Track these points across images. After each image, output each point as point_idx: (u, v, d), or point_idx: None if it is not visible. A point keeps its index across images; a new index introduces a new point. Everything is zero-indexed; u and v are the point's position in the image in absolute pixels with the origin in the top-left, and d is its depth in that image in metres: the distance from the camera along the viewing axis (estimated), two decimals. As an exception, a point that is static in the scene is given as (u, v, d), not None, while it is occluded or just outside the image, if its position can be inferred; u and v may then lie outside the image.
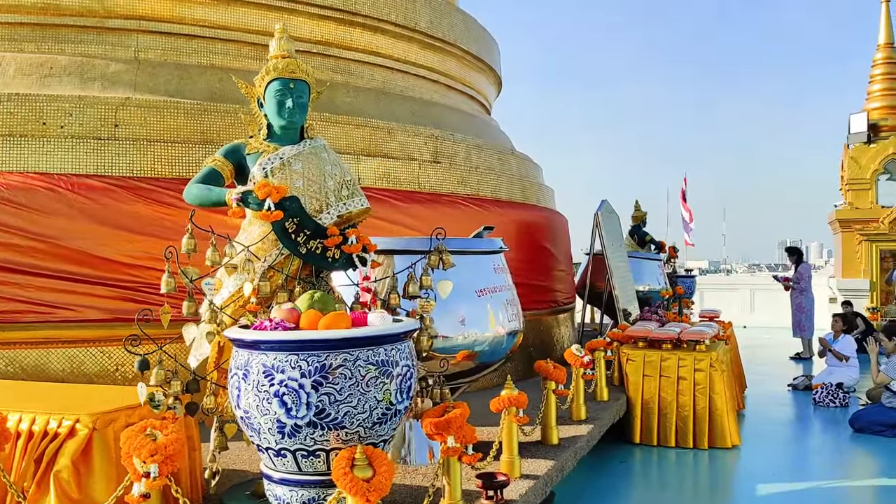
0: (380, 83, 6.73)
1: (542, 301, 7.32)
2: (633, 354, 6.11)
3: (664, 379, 6.01)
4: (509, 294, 4.06)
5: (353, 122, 5.94)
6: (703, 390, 5.91)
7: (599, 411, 5.35)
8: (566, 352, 5.08)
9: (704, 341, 6.00)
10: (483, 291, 3.83)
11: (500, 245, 4.11)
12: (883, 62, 15.00)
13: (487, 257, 3.96)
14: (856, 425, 6.37)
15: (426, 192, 6.14)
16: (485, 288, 3.84)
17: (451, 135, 6.71)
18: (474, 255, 3.88)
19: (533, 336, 7.05)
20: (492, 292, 3.88)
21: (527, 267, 7.04)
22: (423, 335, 3.10)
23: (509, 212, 6.93)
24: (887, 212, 13.93)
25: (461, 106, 7.73)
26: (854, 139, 14.68)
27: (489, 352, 3.95)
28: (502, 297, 3.94)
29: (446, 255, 3.21)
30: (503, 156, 7.35)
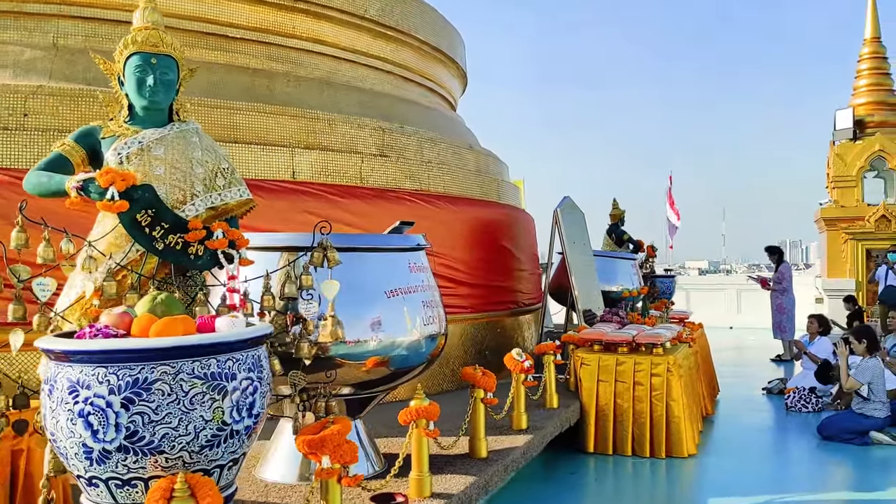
0: (325, 73, 6.40)
1: (501, 302, 6.99)
2: (587, 358, 5.79)
3: (620, 384, 5.69)
4: (429, 295, 3.73)
5: (289, 112, 5.62)
6: (660, 396, 5.58)
7: (545, 420, 5.02)
8: (506, 356, 4.75)
9: (661, 344, 5.67)
10: (395, 292, 3.50)
11: (419, 242, 3.78)
12: (869, 57, 14.70)
13: (402, 255, 3.63)
14: (824, 433, 6.04)
15: (369, 188, 5.81)
16: (397, 288, 3.51)
17: (402, 127, 6.39)
18: (386, 253, 3.55)
19: (490, 339, 6.72)
20: (406, 293, 3.55)
21: (484, 267, 6.72)
22: (303, 342, 2.77)
23: (465, 209, 6.60)
24: (873, 210, 13.63)
25: (418, 98, 7.40)
26: (839, 136, 14.38)
27: (405, 357, 3.62)
28: (419, 299, 3.61)
29: (331, 251, 2.88)
30: (460, 150, 7.03)
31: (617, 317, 6.62)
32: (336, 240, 3.44)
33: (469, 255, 6.52)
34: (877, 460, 5.66)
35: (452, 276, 6.26)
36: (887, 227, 13.49)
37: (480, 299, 6.61)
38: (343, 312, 3.22)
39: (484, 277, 6.69)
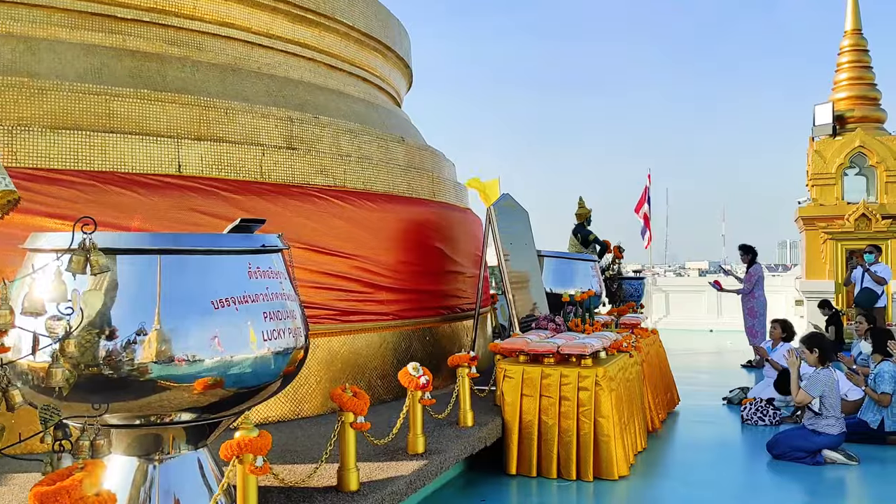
0: (232, 59, 5.88)
1: (432, 308, 6.46)
2: (511, 370, 5.27)
3: (545, 399, 5.18)
4: (276, 305, 3.19)
5: (178, 100, 5.09)
6: (588, 412, 5.06)
7: (450, 442, 4.49)
8: (400, 372, 4.23)
9: (590, 355, 5.14)
10: (226, 302, 2.97)
11: (267, 243, 3.25)
12: (850, 49, 14.17)
13: (238, 259, 3.09)
14: (774, 451, 5.53)
15: (271, 184, 5.28)
16: (229, 298, 2.99)
17: (316, 118, 5.87)
18: (215, 256, 3.02)
19: (419, 348, 6.20)
20: (241, 303, 3.02)
21: (410, 270, 6.19)
22: (55, 367, 2.25)
23: (389, 207, 6.08)
24: (853, 208, 13.10)
25: (345, 88, 6.87)
26: (819, 132, 13.84)
27: (248, 376, 3.09)
28: (259, 310, 3.08)
29: (95, 253, 2.36)
30: (387, 143, 6.50)
31: (553, 323, 6.09)
32: (133, 240, 2.94)
33: (392, 257, 6.00)
34: (829, 482, 5.15)
35: (371, 281, 5.74)
36: (867, 227, 12.96)
37: (406, 305, 6.09)
38: (167, 328, 2.75)
39: (410, 281, 6.16)
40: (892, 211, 13.04)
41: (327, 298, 5.40)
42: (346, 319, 5.53)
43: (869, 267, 10.06)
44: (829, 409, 5.36)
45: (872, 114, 13.89)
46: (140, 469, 3.22)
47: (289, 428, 4.91)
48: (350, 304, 5.56)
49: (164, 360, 2.88)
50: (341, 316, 5.49)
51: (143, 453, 3.21)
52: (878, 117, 13.94)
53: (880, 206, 13.13)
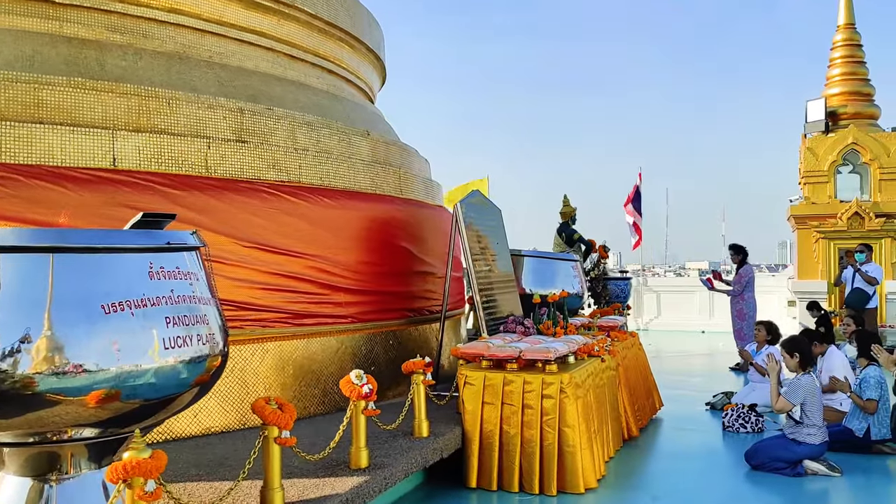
0: (181, 46, 5.57)
1: (397, 310, 6.15)
2: (472, 376, 4.96)
3: (507, 407, 4.87)
4: (185, 308, 2.88)
5: (116, 89, 4.78)
6: (552, 421, 4.75)
7: (399, 454, 4.18)
8: (341, 381, 3.91)
9: (551, 360, 4.83)
10: (120, 306, 2.66)
11: (170, 240, 2.93)
12: (843, 44, 13.86)
13: (137, 258, 2.78)
14: (752, 461, 5.22)
15: (216, 178, 4.98)
16: (124, 301, 2.68)
17: (270, 109, 5.56)
18: (107, 255, 2.71)
19: (381, 352, 5.89)
20: (139, 307, 2.71)
21: (372, 270, 5.88)
22: None
23: (347, 203, 5.77)
24: (845, 207, 12.79)
25: (307, 79, 6.56)
26: (811, 128, 13.54)
27: (152, 387, 2.78)
28: (161, 314, 2.77)
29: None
30: (350, 137, 6.19)
31: (521, 326, 5.78)
32: (14, 236, 2.63)
33: (352, 256, 5.69)
34: (809, 495, 4.84)
35: (327, 282, 5.43)
36: (860, 226, 12.66)
37: (367, 307, 5.78)
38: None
39: (372, 282, 5.85)
40: (886, 209, 12.73)
41: (278, 300, 5.10)
42: (300, 322, 5.22)
43: (860, 267, 9.75)
44: (810, 417, 5.05)
45: (866, 110, 13.59)
46: (34, 489, 2.92)
47: (232, 439, 4.59)
48: (304, 307, 5.25)
49: (52, 372, 2.59)
50: (294, 319, 5.19)
51: (37, 473, 2.91)
52: (872, 113, 13.64)
53: (874, 204, 12.83)
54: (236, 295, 4.84)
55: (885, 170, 12.90)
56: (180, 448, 4.32)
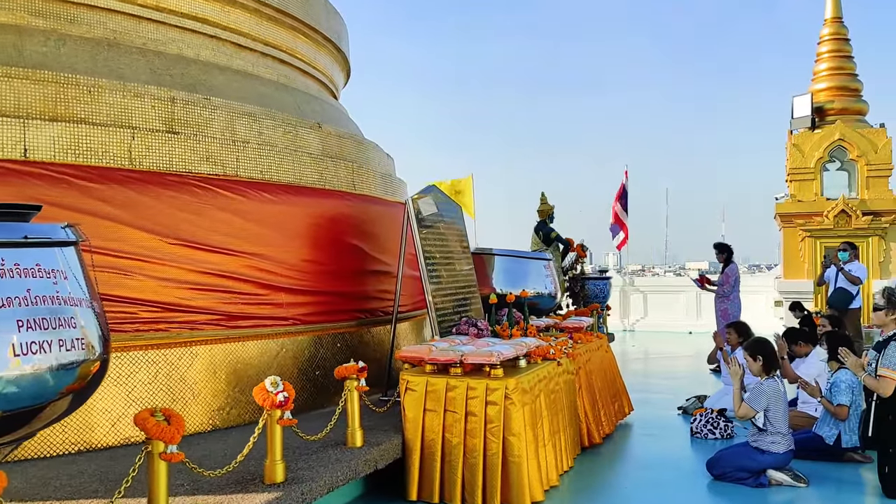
0: (111, 33, 5.27)
1: (347, 311, 5.86)
2: (413, 381, 4.66)
3: (450, 414, 4.57)
4: (46, 310, 2.58)
5: (32, 76, 4.48)
6: (496, 430, 4.45)
7: (325, 466, 3.88)
8: (255, 389, 3.61)
9: (497, 364, 4.53)
10: (-40, 307, 2.36)
11: (28, 234, 2.63)
12: (830, 38, 13.57)
13: (-16, 253, 2.48)
14: (714, 470, 4.92)
15: (141, 171, 4.67)
16: (-32, 302, 2.38)
17: (207, 99, 5.26)
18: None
19: (327, 356, 5.59)
20: (-13, 308, 2.41)
21: (317, 269, 5.59)
22: None
23: (290, 199, 5.47)
24: (832, 204, 12.50)
25: (256, 70, 6.27)
26: (797, 124, 13.25)
27: (13, 396, 2.48)
28: (13, 316, 2.47)
29: None
30: (297, 130, 5.89)
31: (474, 328, 5.48)
32: None
33: (296, 255, 5.40)
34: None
35: (266, 282, 5.13)
36: (847, 224, 12.37)
37: (312, 308, 5.48)
38: None
39: (319, 282, 5.56)
40: (874, 207, 12.45)
41: (210, 301, 4.80)
42: (234, 325, 4.92)
43: (843, 266, 9.45)
44: (774, 425, 4.75)
45: (853, 105, 13.29)
46: None
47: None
48: (239, 308, 4.95)
49: None
50: (228, 321, 4.89)
51: None
52: (860, 109, 13.35)
53: (861, 201, 12.54)
54: (162, 295, 4.55)
55: (873, 166, 12.61)
56: (91, 460, 4.03)
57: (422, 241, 5.86)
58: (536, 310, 8.97)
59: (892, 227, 12.31)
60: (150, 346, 4.49)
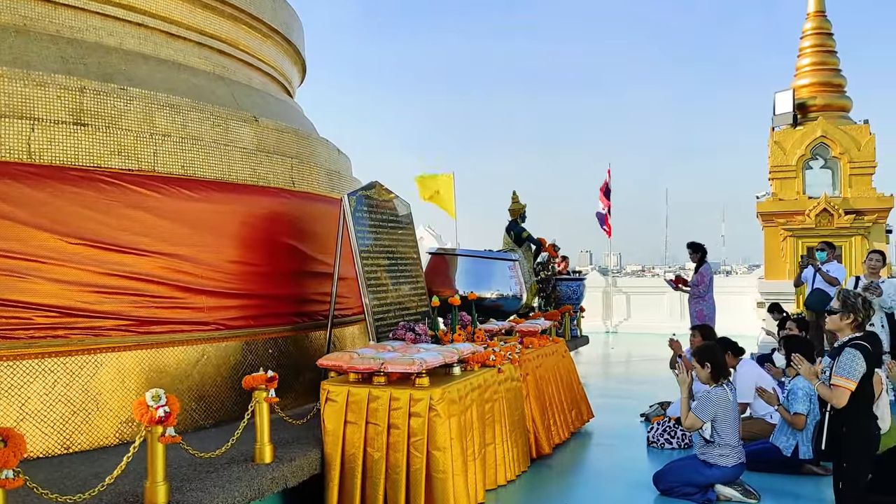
0: (20, 18, 4.94)
1: (281, 315, 5.53)
2: (334, 391, 4.34)
3: (372, 426, 4.25)
4: None
5: (-82, 63, 4.15)
6: (420, 444, 4.13)
7: (220, 487, 3.54)
8: (134, 404, 3.28)
9: (422, 373, 4.20)
10: None
11: None
12: (812, 33, 13.26)
13: None
14: (660, 485, 4.60)
15: (40, 165, 4.34)
16: None
17: (123, 89, 4.93)
18: None
19: (255, 363, 5.23)
20: None
21: (247, 271, 5.26)
22: None
23: (214, 196, 5.14)
24: (813, 203, 12.18)
25: (188, 60, 5.94)
26: (779, 121, 12.93)
27: None
28: None
29: None
30: (227, 123, 5.56)
31: (412, 332, 5.15)
32: None
33: (220, 255, 5.07)
34: (719, 526, 4.22)
35: (184, 284, 4.80)
36: (829, 223, 12.05)
37: (239, 312, 5.15)
38: None
39: (247, 284, 5.23)
40: (857, 205, 12.14)
41: (117, 305, 4.46)
42: (146, 330, 4.59)
43: (821, 266, 9.12)
44: (722, 436, 4.43)
45: (836, 101, 12.98)
46: None
47: (52, 466, 3.95)
48: (151, 312, 4.62)
49: None
50: (138, 326, 4.55)
51: None
52: (843, 105, 13.04)
53: (843, 200, 12.23)
54: (61, 299, 4.22)
55: (856, 164, 12.30)
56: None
57: (363, 240, 5.54)
58: (500, 312, 8.67)
59: (874, 227, 11.99)
60: (48, 354, 4.16)
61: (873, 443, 4.09)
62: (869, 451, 4.08)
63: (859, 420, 4.07)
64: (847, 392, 3.99)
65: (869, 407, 4.12)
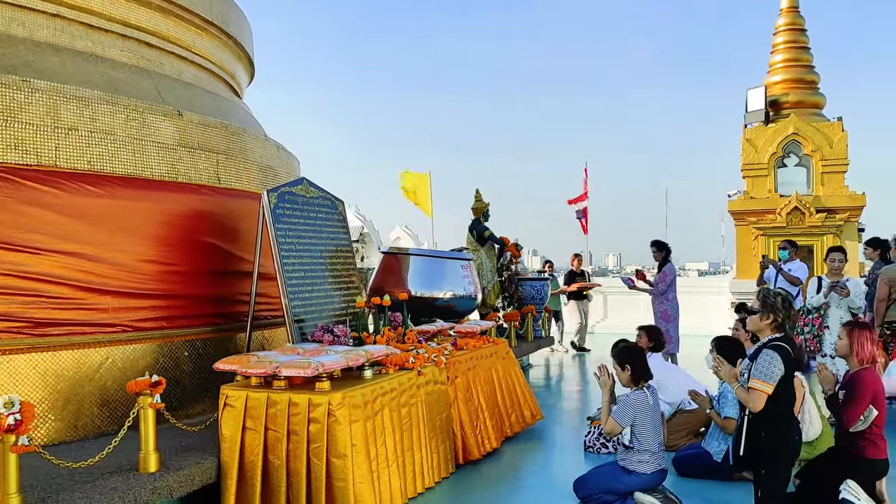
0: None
1: (199, 317, 5.32)
2: (232, 396, 4.14)
3: (271, 433, 4.05)
4: None
5: None
6: (319, 451, 3.93)
7: (90, 499, 3.34)
8: (-18, 409, 3.08)
9: (322, 377, 4.00)
10: None
11: None
12: (785, 29, 13.08)
13: None
14: (580, 492, 4.41)
15: (-78, 160, 4.14)
16: None
17: (25, 81, 4.72)
18: None
19: (169, 366, 5.05)
20: None
21: (161, 270, 5.06)
22: None
23: (123, 192, 4.94)
24: (785, 201, 11.99)
25: (109, 52, 5.74)
26: (751, 118, 12.75)
27: None
28: None
29: None
30: (143, 117, 5.36)
31: (329, 334, 4.95)
32: None
33: (129, 254, 4.87)
34: (636, 536, 4.02)
35: (86, 284, 4.59)
36: (801, 222, 11.87)
37: (149, 313, 4.95)
38: None
39: (160, 284, 5.02)
40: (828, 204, 11.95)
41: (8, 306, 4.26)
42: (42, 332, 4.38)
43: (782, 265, 8.93)
44: (641, 442, 4.23)
45: (809, 98, 12.80)
46: None
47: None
48: (48, 313, 4.41)
49: None
50: (33, 328, 4.35)
51: None
52: (816, 102, 12.86)
53: (815, 198, 12.04)
54: (-58, 300, 4.02)
55: (828, 161, 12.12)
56: None
57: (284, 238, 5.34)
58: (454, 312, 8.46)
59: (847, 225, 11.81)
60: (-72, 357, 3.96)
61: (793, 449, 3.89)
62: (788, 458, 3.88)
63: (778, 425, 3.87)
64: (763, 395, 3.79)
65: (788, 412, 3.93)
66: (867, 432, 4.10)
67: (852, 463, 4.13)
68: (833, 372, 5.69)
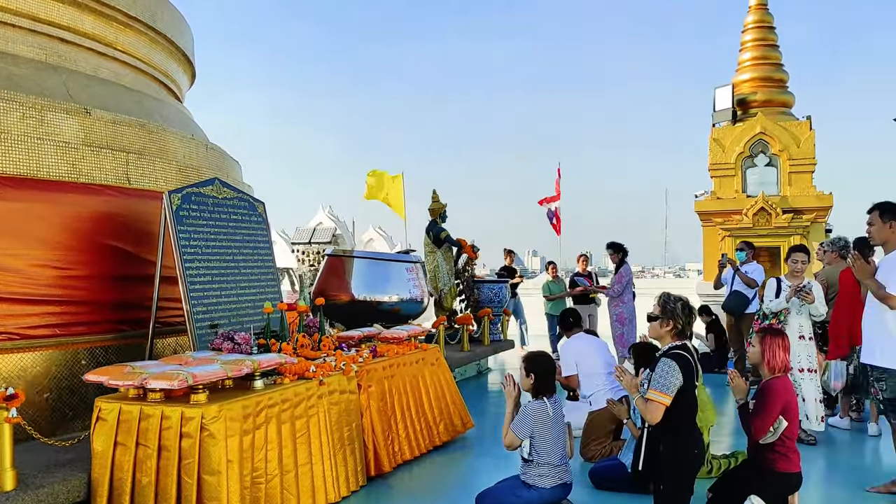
0: None
1: (98, 323, 5.09)
2: (105, 409, 3.91)
3: (142, 448, 3.81)
4: None
5: None
6: (191, 467, 3.70)
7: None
8: None
9: (197, 388, 3.77)
10: None
11: None
12: (754, 26, 12.87)
13: None
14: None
15: None
16: None
17: None
18: None
19: (63, 375, 4.83)
20: None
21: (56, 275, 4.83)
22: None
23: (16, 194, 4.71)
24: (751, 202, 11.78)
25: (12, 47, 5.50)
26: (718, 117, 12.54)
27: None
28: None
29: None
30: (43, 114, 5.13)
31: (230, 342, 4.72)
32: None
33: (17, 258, 4.63)
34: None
35: (-35, 289, 4.36)
36: (767, 222, 11.66)
37: (41, 319, 4.72)
38: None
39: (54, 289, 4.79)
40: (795, 204, 11.75)
41: None
42: (-89, 341, 4.15)
43: (739, 267, 8.72)
44: (541, 455, 4.00)
45: (777, 97, 12.60)
46: None
47: None
48: (-81, 321, 4.18)
49: None
50: None
51: None
52: (784, 101, 12.66)
53: (782, 198, 11.84)
54: None
55: (795, 161, 11.92)
56: None
57: (187, 241, 5.11)
58: (399, 316, 8.24)
59: (813, 226, 11.61)
60: None
61: (692, 463, 3.67)
62: (688, 472, 3.66)
63: (678, 438, 3.66)
64: (661, 407, 3.58)
65: (689, 424, 3.71)
66: (778, 444, 3.88)
67: (762, 476, 3.91)
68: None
